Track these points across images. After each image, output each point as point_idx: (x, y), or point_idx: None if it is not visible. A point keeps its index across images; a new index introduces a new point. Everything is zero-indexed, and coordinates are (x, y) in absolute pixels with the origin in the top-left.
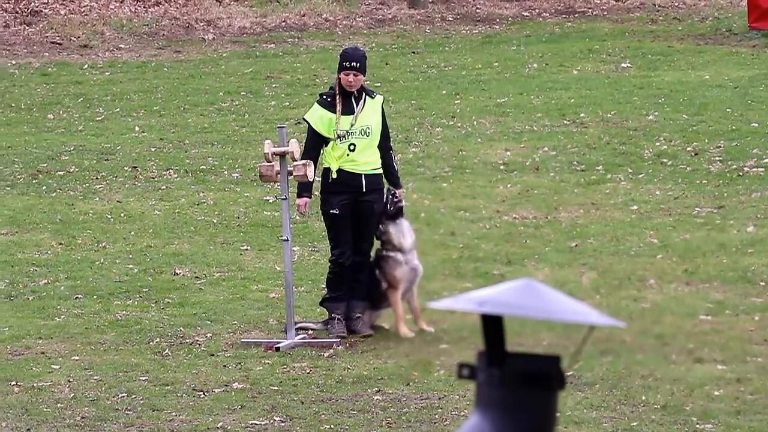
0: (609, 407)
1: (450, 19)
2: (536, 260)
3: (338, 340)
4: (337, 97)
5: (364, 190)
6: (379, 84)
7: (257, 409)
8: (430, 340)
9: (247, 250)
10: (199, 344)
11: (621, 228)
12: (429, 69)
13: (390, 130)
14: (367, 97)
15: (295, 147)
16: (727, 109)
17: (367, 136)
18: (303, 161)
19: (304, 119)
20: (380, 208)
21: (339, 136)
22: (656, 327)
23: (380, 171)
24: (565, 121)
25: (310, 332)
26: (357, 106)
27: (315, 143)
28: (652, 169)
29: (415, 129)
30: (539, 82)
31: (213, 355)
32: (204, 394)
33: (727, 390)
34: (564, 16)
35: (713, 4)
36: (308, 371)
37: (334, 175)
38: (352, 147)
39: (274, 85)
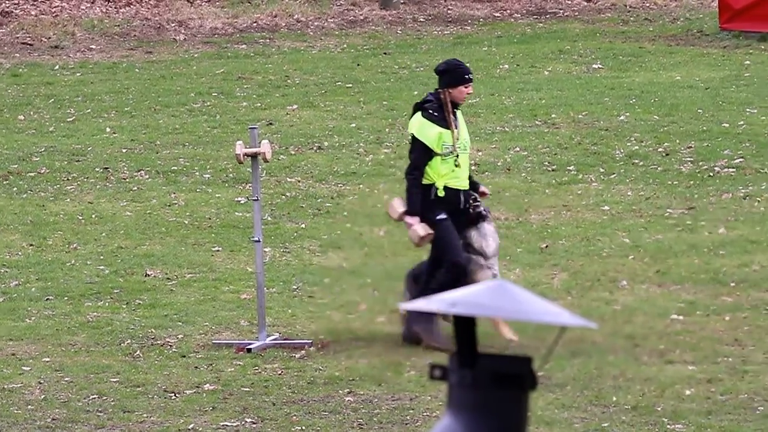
0: (580, 408)
1: (421, 20)
2: (508, 261)
3: (311, 342)
4: (448, 110)
5: (461, 207)
6: (350, 85)
7: (228, 410)
8: (402, 341)
9: (218, 251)
10: (171, 345)
11: (592, 229)
12: (400, 70)
13: (365, 133)
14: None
15: (266, 148)
16: (698, 110)
17: (466, 150)
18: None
19: (413, 136)
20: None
21: (449, 152)
22: (627, 328)
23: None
24: (536, 122)
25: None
26: (456, 119)
27: (426, 160)
28: (624, 169)
29: (387, 130)
30: (510, 83)
31: (184, 356)
32: (175, 395)
33: (698, 390)
34: (535, 17)
35: (684, 5)
36: (280, 372)
37: (441, 193)
38: (457, 163)
39: (245, 86)
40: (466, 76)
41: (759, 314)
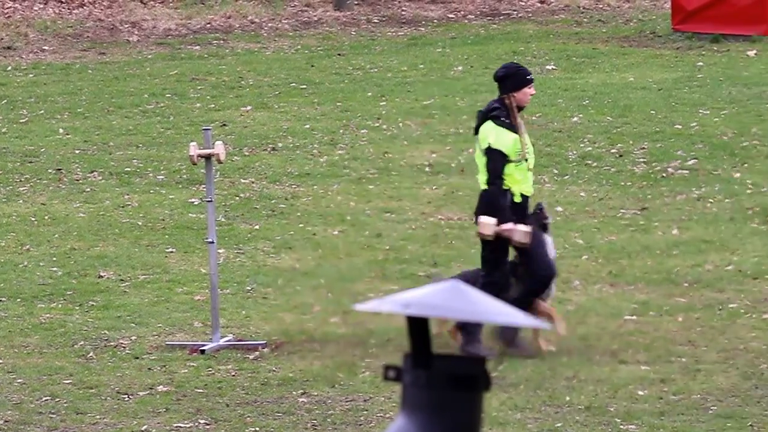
0: (534, 408)
1: (375, 21)
2: (462, 262)
3: (265, 343)
4: (515, 115)
5: (528, 212)
6: (304, 86)
7: (182, 411)
8: (356, 341)
9: (172, 252)
10: (124, 347)
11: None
12: (354, 71)
13: (319, 134)
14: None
15: (220, 149)
16: (652, 111)
17: (533, 155)
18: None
19: (491, 146)
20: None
21: (522, 158)
22: (581, 328)
23: None
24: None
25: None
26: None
27: (504, 168)
28: (577, 170)
29: (341, 131)
30: (464, 84)
31: (137, 357)
32: (128, 396)
33: (650, 391)
34: (489, 18)
35: (637, 7)
36: (233, 374)
37: (518, 199)
38: (528, 167)
39: (199, 87)
40: (528, 78)
41: (712, 314)
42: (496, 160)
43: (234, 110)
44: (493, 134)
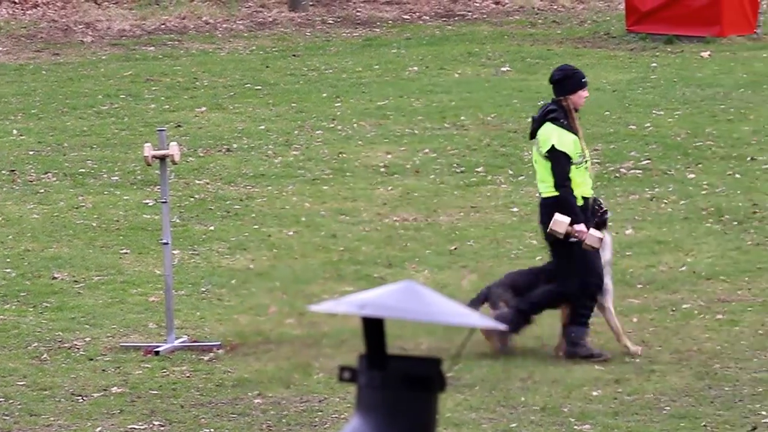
0: (488, 409)
1: (330, 22)
2: (417, 263)
3: (220, 344)
4: (573, 117)
5: (589, 214)
6: (259, 87)
7: (136, 413)
8: (311, 342)
9: (126, 253)
10: (78, 348)
11: (501, 230)
12: (309, 72)
13: (274, 135)
14: None
15: (175, 150)
16: (605, 112)
17: (589, 156)
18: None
19: (553, 148)
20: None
21: (582, 160)
22: (535, 329)
23: None
24: (445, 124)
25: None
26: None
27: (570, 169)
28: (532, 171)
29: (296, 132)
30: (420, 85)
31: (92, 359)
32: (82, 398)
33: (605, 391)
34: (444, 19)
35: (591, 8)
36: (188, 375)
37: (581, 202)
38: (587, 168)
39: (153, 88)
40: (583, 80)
41: (666, 315)
42: (562, 161)
43: (189, 111)
44: (555, 135)
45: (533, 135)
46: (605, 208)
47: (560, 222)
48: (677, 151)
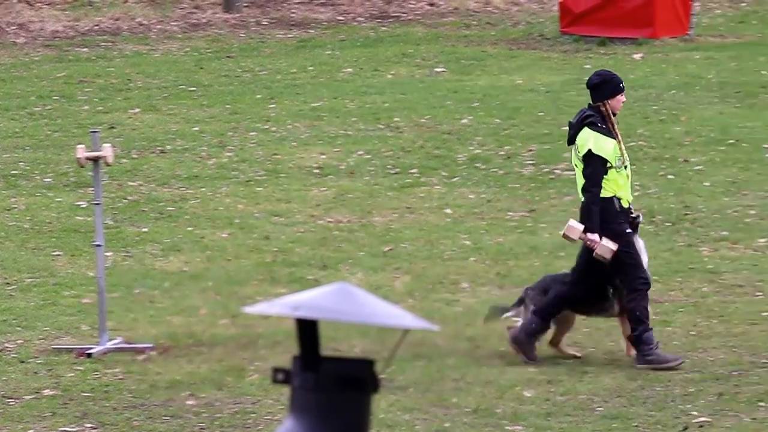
0: (422, 410)
1: (265, 23)
2: (351, 264)
3: (152, 346)
4: (612, 122)
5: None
6: (193, 88)
7: (68, 416)
8: (244, 344)
9: (59, 255)
10: (9, 351)
11: (435, 232)
12: (244, 73)
13: (207, 136)
14: None
15: (108, 152)
16: (540, 113)
17: (629, 161)
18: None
19: (590, 152)
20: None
21: (622, 164)
22: (469, 330)
23: None
24: (379, 125)
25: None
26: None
27: (603, 175)
28: (466, 172)
29: (230, 133)
30: (354, 87)
31: (23, 361)
32: (14, 401)
33: (538, 392)
34: (378, 20)
35: (525, 9)
36: (121, 377)
37: (625, 204)
38: (627, 173)
39: (87, 90)
40: (621, 85)
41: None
42: (596, 166)
43: (122, 112)
44: (592, 140)
45: (572, 140)
46: (638, 213)
47: (574, 228)
48: None
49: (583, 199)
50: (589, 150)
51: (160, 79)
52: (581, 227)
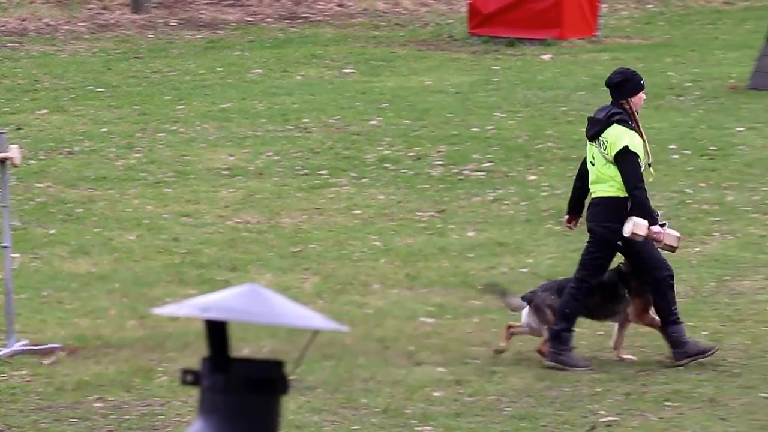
0: (330, 411)
1: (173, 24)
2: (260, 266)
3: (61, 347)
4: (637, 120)
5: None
6: (101, 89)
7: None
8: (152, 345)
9: None
10: None
11: (344, 233)
12: (152, 74)
13: (116, 137)
14: None
15: (15, 153)
16: (449, 114)
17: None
18: (658, 228)
19: (629, 150)
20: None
21: (647, 163)
22: (378, 331)
23: None
24: (288, 126)
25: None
26: None
27: (641, 170)
28: (375, 173)
29: (138, 134)
30: (263, 88)
31: None
32: None
33: (446, 392)
34: (287, 21)
35: (434, 10)
36: (28, 379)
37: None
38: (650, 171)
39: None
40: (642, 83)
41: (506, 316)
42: (633, 163)
43: (29, 113)
44: (627, 137)
45: (596, 137)
46: (658, 213)
47: (641, 225)
48: (519, 153)
49: (599, 196)
50: (626, 147)
51: (68, 80)
52: (646, 223)
